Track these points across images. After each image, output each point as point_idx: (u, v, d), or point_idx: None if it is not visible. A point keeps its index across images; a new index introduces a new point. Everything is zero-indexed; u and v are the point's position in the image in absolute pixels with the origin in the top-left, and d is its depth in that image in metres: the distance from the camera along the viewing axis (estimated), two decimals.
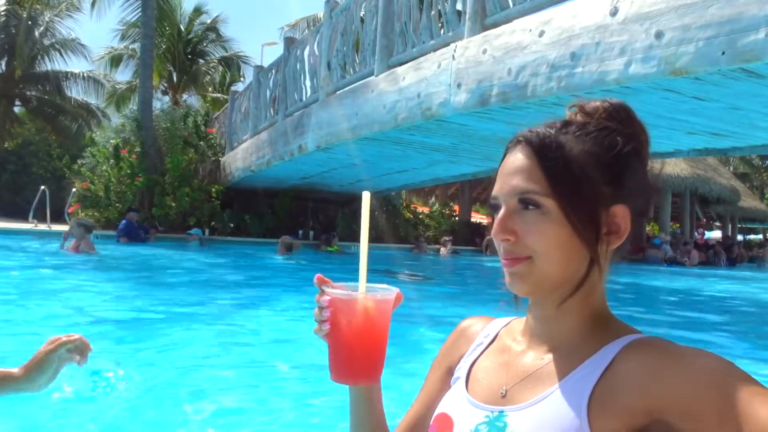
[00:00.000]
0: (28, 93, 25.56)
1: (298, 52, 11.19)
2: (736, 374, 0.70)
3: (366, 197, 0.95)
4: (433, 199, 28.49)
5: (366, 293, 0.90)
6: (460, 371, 0.97)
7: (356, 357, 0.90)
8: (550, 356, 0.86)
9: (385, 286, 0.92)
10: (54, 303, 5.51)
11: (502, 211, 0.84)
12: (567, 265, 0.83)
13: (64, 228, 15.52)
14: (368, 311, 0.89)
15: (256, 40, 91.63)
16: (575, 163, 0.82)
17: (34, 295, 5.98)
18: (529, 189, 0.82)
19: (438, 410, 0.93)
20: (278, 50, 13.86)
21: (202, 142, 17.09)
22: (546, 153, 0.82)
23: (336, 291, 0.90)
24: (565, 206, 0.81)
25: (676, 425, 0.71)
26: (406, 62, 7.35)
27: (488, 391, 0.89)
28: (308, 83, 10.80)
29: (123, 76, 27.18)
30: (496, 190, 0.87)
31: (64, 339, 1.50)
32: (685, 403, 0.70)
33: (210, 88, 28.49)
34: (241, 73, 28.21)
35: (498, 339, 0.98)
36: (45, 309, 5.13)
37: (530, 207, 0.82)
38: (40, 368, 1.46)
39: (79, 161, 18.32)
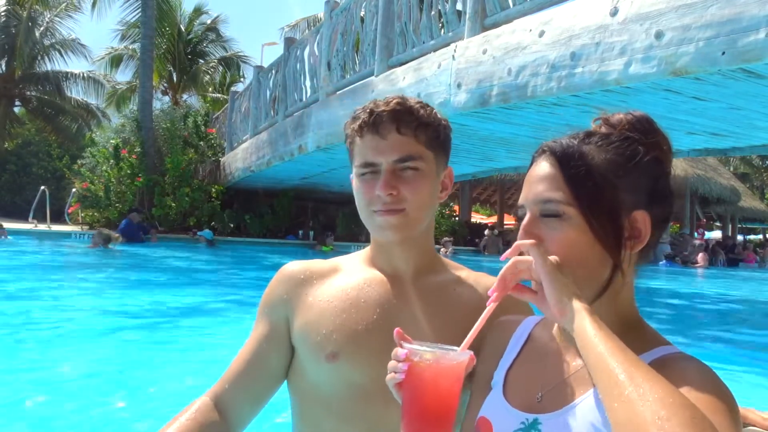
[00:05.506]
0: (28, 93, 25.57)
1: (298, 53, 11.19)
2: (719, 413, 0.70)
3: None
4: None
5: (456, 352, 0.85)
6: (498, 376, 0.98)
7: (431, 421, 0.85)
8: (582, 361, 0.86)
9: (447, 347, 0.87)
10: None
11: (526, 218, 0.87)
12: (589, 270, 0.85)
13: (64, 228, 15.54)
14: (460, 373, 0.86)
15: (256, 40, 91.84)
16: (596, 172, 0.85)
17: None
18: (552, 197, 0.85)
19: (480, 413, 0.95)
20: (278, 50, 13.87)
21: (202, 142, 17.08)
22: (568, 162, 0.86)
23: (419, 347, 0.85)
24: (586, 213, 0.84)
25: None
26: (406, 62, 7.35)
27: (525, 396, 0.91)
28: (308, 83, 10.79)
29: (123, 76, 27.23)
30: (522, 197, 0.90)
31: None
32: None
33: (210, 88, 28.49)
34: (241, 73, 28.21)
35: (531, 340, 0.99)
36: None
37: (552, 214, 0.85)
38: None
39: (79, 161, 18.32)
